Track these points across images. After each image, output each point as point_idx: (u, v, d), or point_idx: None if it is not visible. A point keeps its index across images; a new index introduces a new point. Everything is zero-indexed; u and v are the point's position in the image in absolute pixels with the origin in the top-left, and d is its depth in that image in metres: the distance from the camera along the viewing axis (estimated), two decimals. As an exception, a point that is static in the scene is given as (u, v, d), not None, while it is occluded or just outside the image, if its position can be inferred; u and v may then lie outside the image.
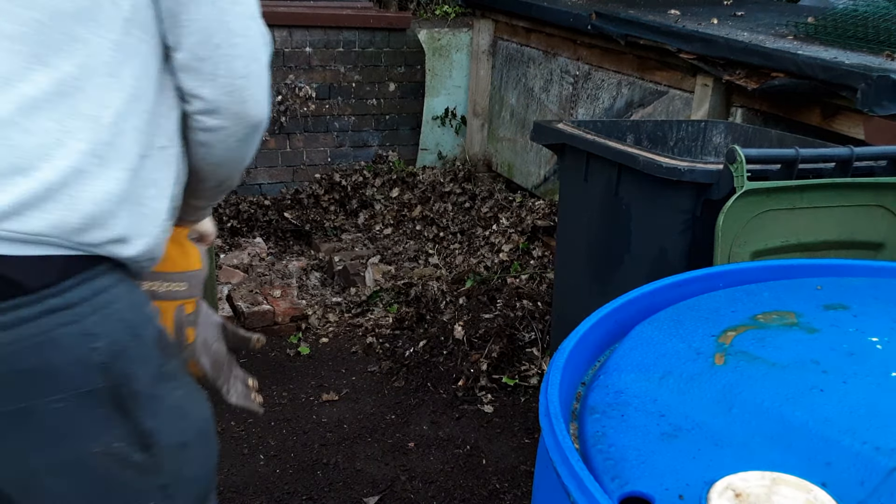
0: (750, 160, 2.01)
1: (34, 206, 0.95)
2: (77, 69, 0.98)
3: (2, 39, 0.94)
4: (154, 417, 1.11)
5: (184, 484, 1.19)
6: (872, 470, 0.99)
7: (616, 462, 1.03)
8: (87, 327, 1.01)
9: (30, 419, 1.02)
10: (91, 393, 1.04)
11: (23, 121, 0.95)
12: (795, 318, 1.37)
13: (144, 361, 1.09)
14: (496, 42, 4.82)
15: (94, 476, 1.10)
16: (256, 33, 1.12)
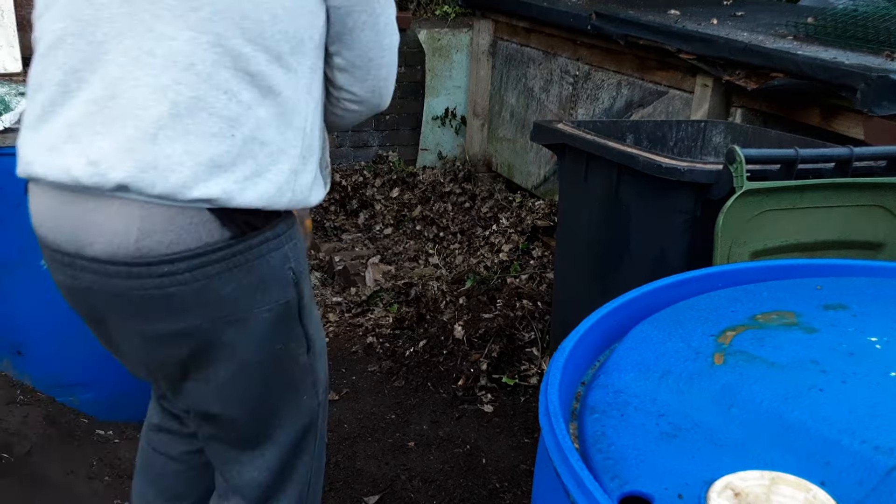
0: (749, 160, 2.01)
1: (272, 195, 1.30)
2: (292, 92, 1.31)
3: (246, 75, 1.25)
4: (310, 327, 1.46)
5: (320, 382, 1.54)
6: (871, 469, 0.99)
7: (616, 461, 1.04)
8: (285, 252, 1.36)
9: (247, 326, 1.34)
10: (287, 304, 1.38)
11: (261, 136, 1.28)
12: (795, 318, 1.37)
13: (307, 281, 1.45)
14: (496, 42, 4.82)
15: (270, 371, 1.41)
16: (396, 46, 1.47)
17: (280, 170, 1.30)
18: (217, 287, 1.29)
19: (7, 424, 2.46)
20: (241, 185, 1.26)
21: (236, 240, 1.29)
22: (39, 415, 2.53)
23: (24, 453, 2.40)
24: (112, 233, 1.26)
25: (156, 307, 1.31)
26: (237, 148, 1.26)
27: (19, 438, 2.44)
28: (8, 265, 2.44)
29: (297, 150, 1.33)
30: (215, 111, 1.23)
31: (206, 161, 1.23)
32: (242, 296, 1.32)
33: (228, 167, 1.25)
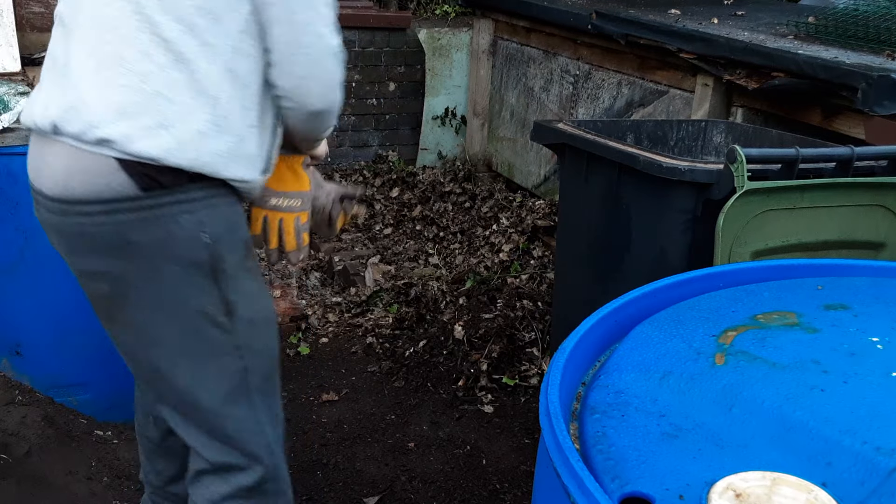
0: (750, 160, 2.00)
1: (173, 149, 1.41)
2: (207, 64, 1.42)
3: (161, 41, 1.40)
4: (235, 293, 1.54)
5: (252, 352, 1.60)
6: (873, 470, 0.98)
7: (616, 462, 1.03)
8: (199, 218, 1.47)
9: (158, 275, 1.48)
10: (197, 263, 1.48)
11: (170, 94, 1.40)
12: (796, 318, 1.37)
13: (233, 251, 1.53)
14: (496, 42, 4.82)
15: (186, 328, 1.53)
16: (322, 44, 1.49)
17: (186, 129, 1.41)
18: (127, 235, 1.45)
19: (6, 425, 2.45)
20: (142, 132, 1.39)
21: (146, 194, 1.43)
22: (38, 415, 2.52)
23: (22, 454, 2.40)
24: (51, 172, 1.46)
25: (78, 244, 1.51)
26: (145, 100, 1.40)
27: (18, 439, 2.44)
28: (7, 265, 2.44)
29: (207, 116, 1.43)
30: (130, 67, 1.40)
31: (115, 106, 1.40)
32: (151, 248, 1.46)
33: (133, 115, 1.40)
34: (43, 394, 2.60)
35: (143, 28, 1.40)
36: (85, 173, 1.42)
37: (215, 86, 1.43)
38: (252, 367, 1.61)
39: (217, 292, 1.52)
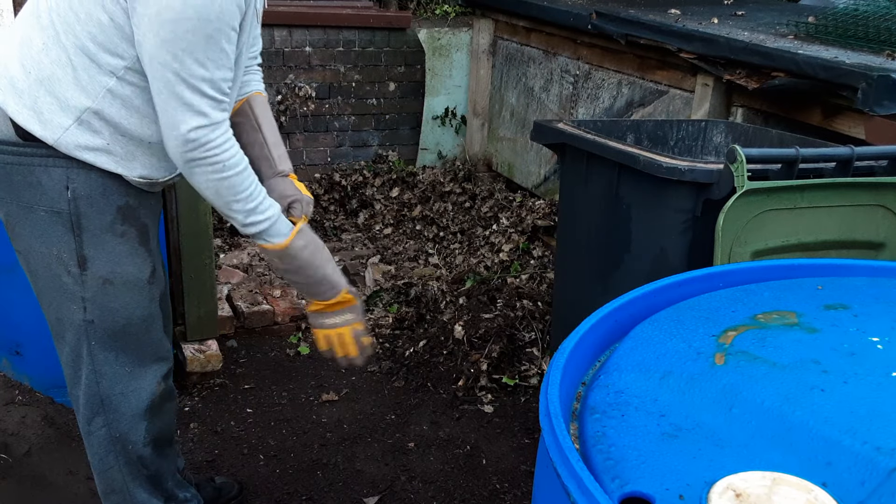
0: (750, 160, 2.00)
1: (25, 120, 1.64)
2: (84, 73, 1.63)
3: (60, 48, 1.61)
4: (91, 248, 1.70)
5: (101, 308, 1.74)
6: (873, 470, 0.98)
7: (616, 462, 1.03)
8: (65, 171, 1.65)
9: (30, 214, 1.69)
10: (59, 212, 1.67)
11: (48, 84, 1.63)
12: (796, 318, 1.37)
13: (99, 212, 1.69)
14: (496, 41, 4.82)
15: (47, 269, 1.73)
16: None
17: (54, 120, 1.63)
18: (8, 173, 1.67)
19: (6, 425, 2.46)
20: (17, 103, 1.63)
21: (25, 143, 1.64)
22: (38, 415, 2.53)
23: (22, 454, 2.40)
24: None
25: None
26: (31, 85, 1.62)
27: (18, 439, 2.44)
28: (7, 266, 2.44)
29: (73, 116, 1.63)
30: (31, 55, 1.63)
31: (8, 76, 1.65)
32: (27, 191, 1.67)
33: (19, 91, 1.63)
34: (43, 394, 2.60)
35: (49, 29, 1.61)
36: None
37: (88, 97, 1.62)
38: (96, 321, 1.75)
39: (73, 244, 1.69)
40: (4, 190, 1.69)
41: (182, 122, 1.57)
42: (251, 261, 3.94)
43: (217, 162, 1.62)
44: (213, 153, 1.61)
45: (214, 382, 3.11)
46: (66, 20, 1.57)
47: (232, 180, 1.65)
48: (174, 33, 1.50)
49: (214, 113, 1.60)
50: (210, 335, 3.14)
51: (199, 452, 2.72)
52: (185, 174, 1.67)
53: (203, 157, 1.61)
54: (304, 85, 4.48)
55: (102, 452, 1.89)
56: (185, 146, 1.59)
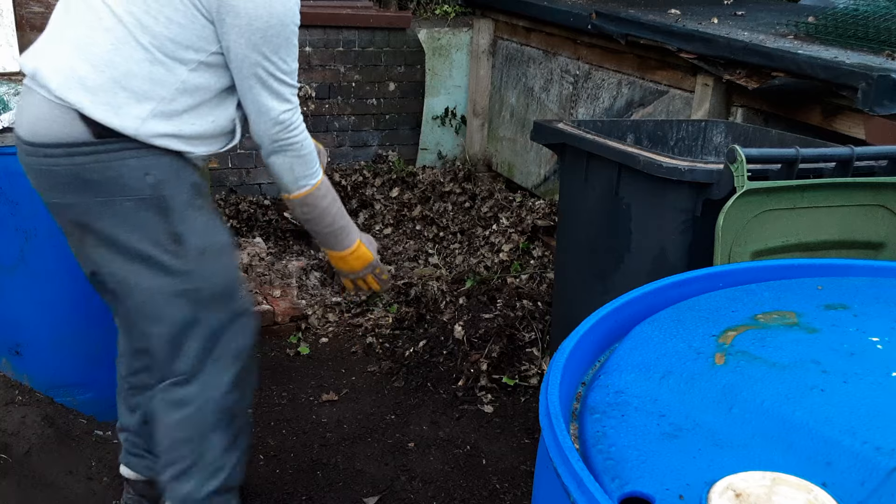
0: (750, 160, 2.00)
1: (105, 118, 1.74)
2: (160, 70, 1.80)
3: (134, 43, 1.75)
4: (182, 224, 1.83)
5: (202, 276, 1.86)
6: (873, 470, 0.98)
7: (616, 462, 1.03)
8: (143, 161, 1.77)
9: (112, 207, 1.78)
10: (144, 199, 1.78)
11: (123, 81, 1.75)
12: (796, 318, 1.37)
13: (179, 192, 1.82)
14: (496, 41, 4.82)
15: (138, 254, 1.81)
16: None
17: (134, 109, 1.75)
18: (84, 173, 1.75)
19: (6, 425, 2.46)
20: (92, 101, 1.72)
21: (100, 141, 1.74)
22: (38, 415, 2.53)
23: (22, 454, 2.40)
24: (27, 117, 1.78)
25: (47, 181, 1.81)
26: (104, 83, 1.73)
27: (18, 439, 2.44)
28: (7, 265, 2.44)
29: (149, 107, 1.76)
30: (100, 54, 1.73)
31: (78, 77, 1.73)
32: (106, 185, 1.77)
33: (91, 90, 1.72)
34: (43, 394, 2.60)
35: (118, 30, 1.73)
36: (48, 121, 1.74)
37: (169, 88, 1.77)
38: (203, 288, 1.88)
39: (165, 225, 1.81)
40: (76, 191, 1.78)
41: (272, 108, 1.83)
42: (251, 261, 3.94)
43: (297, 142, 1.90)
44: (295, 133, 1.89)
45: (214, 382, 3.11)
46: (142, 22, 1.73)
47: (306, 158, 1.93)
48: (263, 38, 1.77)
49: (294, 98, 1.88)
50: (210, 335, 3.14)
51: (198, 452, 2.72)
52: (268, 153, 1.90)
53: (288, 136, 1.88)
54: (304, 85, 4.48)
55: (196, 407, 1.96)
56: (276, 127, 1.85)
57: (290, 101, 1.86)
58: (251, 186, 4.63)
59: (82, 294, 2.55)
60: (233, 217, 4.34)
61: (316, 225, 2.06)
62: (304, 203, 1.99)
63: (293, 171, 1.93)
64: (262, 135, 1.87)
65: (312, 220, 2.05)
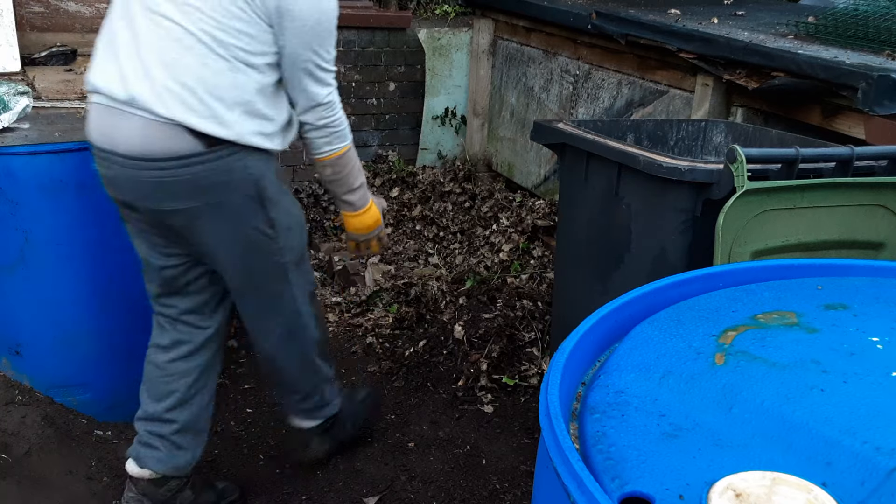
0: (750, 160, 2.00)
1: (210, 129, 1.97)
2: (242, 76, 2.04)
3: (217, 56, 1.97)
4: (275, 211, 2.14)
5: (289, 248, 2.23)
6: (873, 470, 0.99)
7: (616, 462, 1.03)
8: (244, 162, 2.04)
9: (221, 206, 2.05)
10: (248, 195, 2.08)
11: (217, 92, 1.97)
12: (796, 318, 1.37)
13: (270, 183, 2.12)
14: (496, 41, 4.82)
15: (249, 241, 2.14)
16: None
17: (229, 117, 1.98)
18: (196, 180, 1.99)
19: (6, 425, 2.45)
20: (196, 115, 1.94)
21: (210, 150, 1.97)
22: (38, 415, 2.53)
23: (22, 454, 2.40)
24: (127, 136, 1.96)
25: (158, 190, 2.01)
26: (200, 97, 1.95)
27: (18, 439, 2.44)
28: (7, 265, 2.44)
29: (238, 111, 2.00)
30: (190, 72, 1.94)
31: (180, 98, 1.94)
32: (217, 188, 2.02)
33: (192, 106, 1.93)
34: (43, 394, 2.60)
35: (198, 47, 1.93)
36: (159, 138, 1.94)
37: (249, 92, 2.00)
38: (290, 259, 2.24)
39: (263, 213, 2.12)
40: (188, 197, 2.02)
41: (318, 93, 2.11)
42: (251, 261, 3.94)
43: (337, 117, 2.19)
44: (335, 111, 2.17)
45: (214, 382, 3.11)
46: (216, 37, 1.93)
47: (341, 130, 2.22)
48: (312, 36, 2.02)
49: (333, 81, 2.15)
50: (210, 335, 3.14)
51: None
52: (310, 128, 2.17)
53: (330, 114, 2.16)
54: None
55: (296, 351, 2.39)
56: (323, 110, 2.14)
57: (330, 84, 2.14)
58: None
59: (82, 294, 2.56)
60: (233, 217, 4.34)
61: (339, 186, 2.32)
62: (334, 164, 2.26)
63: (330, 141, 2.21)
64: (308, 116, 2.15)
65: (337, 181, 2.31)
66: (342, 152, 2.25)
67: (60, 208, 2.43)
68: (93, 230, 2.51)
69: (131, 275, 2.65)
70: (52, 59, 3.40)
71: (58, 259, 2.47)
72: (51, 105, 2.79)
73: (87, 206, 2.47)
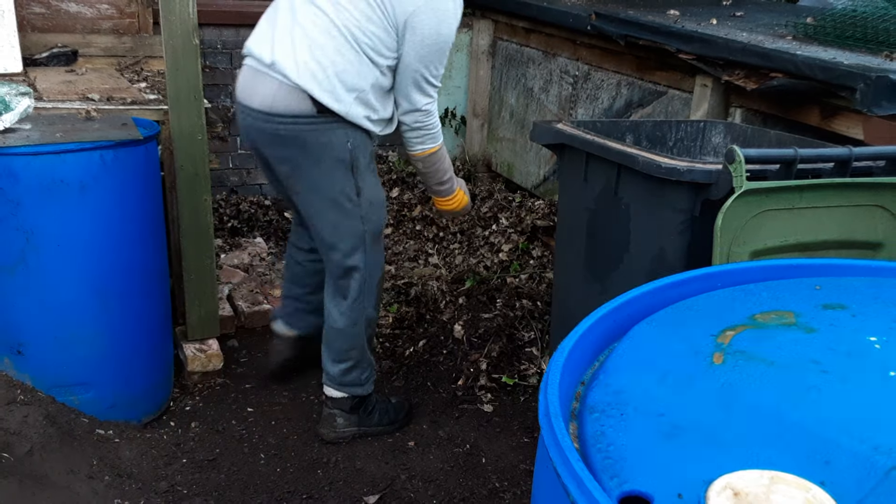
0: (749, 160, 2.01)
1: (328, 101, 2.44)
2: (366, 68, 2.48)
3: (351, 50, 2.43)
4: (362, 181, 2.54)
5: (370, 220, 2.59)
6: (871, 469, 0.99)
7: (615, 461, 1.04)
8: (346, 132, 2.46)
9: (319, 164, 2.48)
10: (343, 160, 2.49)
11: (342, 76, 2.42)
12: (794, 318, 1.37)
13: (364, 156, 2.53)
14: (496, 42, 4.82)
15: (332, 199, 2.53)
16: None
17: (346, 97, 2.43)
18: (305, 137, 2.44)
19: (7, 424, 2.46)
20: (319, 88, 2.39)
21: (319, 115, 2.41)
22: (40, 414, 2.53)
23: (24, 453, 2.40)
24: (263, 94, 2.44)
25: (273, 140, 2.48)
26: (328, 76, 2.40)
27: (20, 438, 2.44)
28: (8, 265, 2.44)
29: (353, 95, 2.43)
30: (326, 55, 2.39)
31: (310, 71, 2.40)
32: (318, 147, 2.45)
33: (319, 80, 2.39)
34: (44, 393, 2.60)
35: (339, 38, 2.39)
36: (286, 99, 2.41)
37: (367, 82, 2.43)
38: (368, 229, 2.60)
39: (352, 180, 2.51)
40: (296, 149, 2.46)
41: (419, 101, 2.52)
42: (252, 261, 3.94)
43: (432, 123, 2.60)
44: (432, 118, 2.59)
45: (215, 382, 3.12)
46: (355, 34, 2.37)
47: (434, 132, 2.63)
48: (427, 52, 2.44)
49: (435, 94, 2.55)
50: (211, 335, 3.15)
51: (200, 451, 2.73)
52: (406, 129, 2.58)
53: (426, 120, 2.57)
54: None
55: (354, 318, 2.69)
56: (420, 115, 2.54)
57: (432, 95, 2.54)
58: (252, 187, 4.64)
59: (83, 294, 2.56)
60: (233, 217, 4.35)
61: (430, 178, 2.76)
62: (425, 160, 2.69)
63: (422, 141, 2.61)
64: (406, 118, 2.54)
65: (428, 174, 2.75)
66: (432, 151, 2.67)
67: (61, 209, 2.44)
68: (94, 230, 2.51)
69: (132, 275, 2.66)
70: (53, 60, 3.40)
71: (59, 259, 2.48)
72: (52, 106, 2.79)
73: (88, 207, 2.47)
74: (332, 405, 2.82)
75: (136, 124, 2.66)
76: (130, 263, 2.64)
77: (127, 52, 3.65)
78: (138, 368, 2.77)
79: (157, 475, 2.58)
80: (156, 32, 3.59)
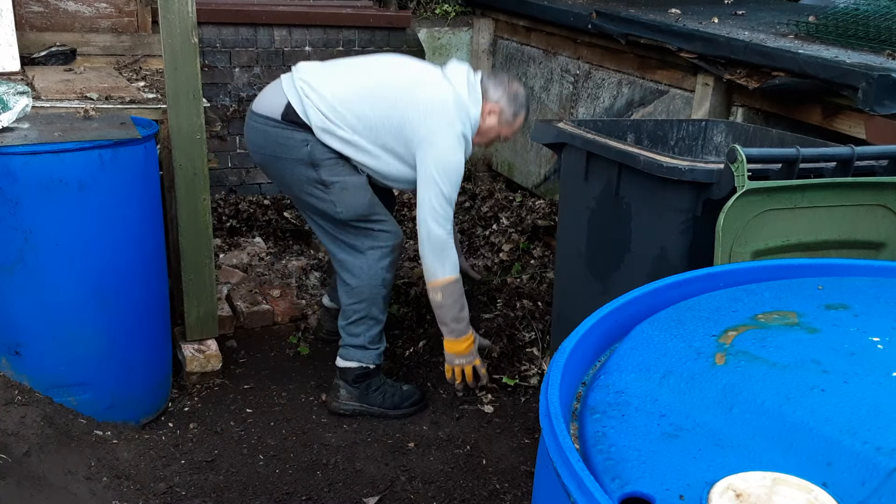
0: (751, 160, 2.00)
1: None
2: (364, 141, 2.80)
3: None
4: (327, 175, 2.73)
5: (345, 204, 2.76)
6: (873, 470, 0.98)
7: (616, 462, 1.03)
8: (305, 138, 2.70)
9: (287, 160, 2.74)
10: (301, 160, 2.72)
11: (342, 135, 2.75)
12: (796, 318, 1.37)
13: (324, 159, 2.73)
14: (496, 41, 4.82)
15: (301, 189, 2.77)
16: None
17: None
18: (268, 137, 2.74)
19: (5, 425, 2.45)
20: (301, 103, 2.71)
21: (284, 121, 2.70)
22: (37, 415, 2.52)
23: (22, 454, 2.40)
24: (264, 100, 2.79)
25: (256, 138, 2.80)
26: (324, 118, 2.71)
27: (17, 439, 2.43)
28: (7, 265, 2.43)
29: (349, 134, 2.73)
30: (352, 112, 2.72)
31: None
32: (284, 147, 2.72)
33: (307, 99, 2.71)
34: (42, 394, 2.59)
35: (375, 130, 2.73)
36: (271, 105, 2.73)
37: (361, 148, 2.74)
38: (345, 211, 2.77)
39: (315, 174, 2.73)
40: (271, 148, 2.75)
41: (430, 227, 2.71)
42: (251, 261, 3.93)
43: (438, 234, 2.72)
44: (440, 227, 2.72)
45: (214, 382, 3.11)
46: (386, 142, 2.71)
47: (440, 253, 2.73)
48: (436, 178, 2.66)
49: (448, 224, 2.72)
50: (210, 335, 3.14)
51: (198, 452, 2.72)
52: (420, 237, 2.75)
53: (433, 226, 2.70)
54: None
55: (365, 278, 2.84)
56: (426, 216, 2.71)
57: (443, 226, 2.70)
58: (251, 186, 4.63)
59: (81, 294, 2.55)
60: (232, 217, 4.34)
61: (438, 311, 2.80)
62: (434, 291, 2.76)
63: (427, 264, 2.74)
64: (418, 219, 2.72)
65: (435, 307, 2.80)
66: (439, 283, 2.74)
67: (60, 208, 2.43)
68: (92, 230, 2.50)
69: (131, 275, 2.65)
70: (51, 59, 3.40)
71: (57, 259, 2.47)
72: (50, 105, 2.79)
73: (87, 206, 2.46)
74: (338, 375, 2.95)
75: (135, 123, 2.65)
76: (129, 263, 2.63)
77: (125, 50, 3.64)
78: (136, 369, 2.76)
79: (155, 476, 2.57)
80: (154, 31, 3.58)
